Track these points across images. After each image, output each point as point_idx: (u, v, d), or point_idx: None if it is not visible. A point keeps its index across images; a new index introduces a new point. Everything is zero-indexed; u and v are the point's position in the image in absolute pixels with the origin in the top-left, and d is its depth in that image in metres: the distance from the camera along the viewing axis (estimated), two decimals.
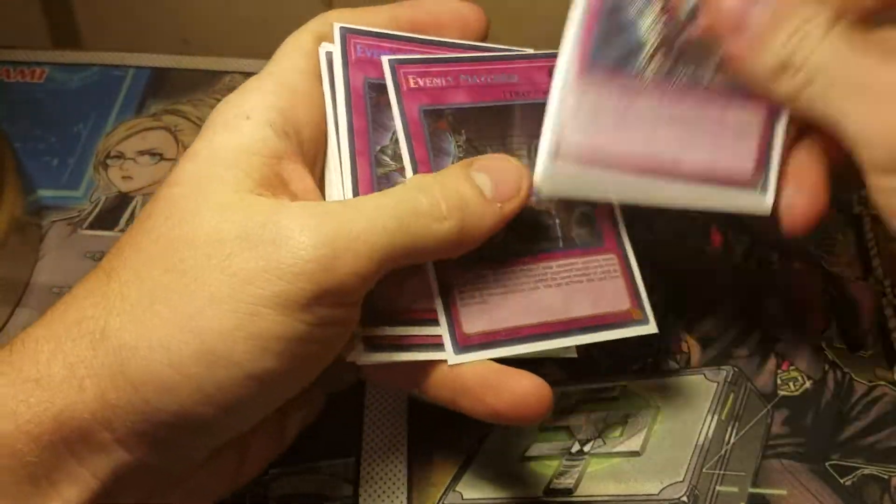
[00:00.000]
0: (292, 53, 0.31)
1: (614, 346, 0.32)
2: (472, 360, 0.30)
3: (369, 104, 0.31)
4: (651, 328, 0.32)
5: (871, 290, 0.41)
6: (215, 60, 0.50)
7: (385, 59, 0.32)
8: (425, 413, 0.37)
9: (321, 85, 0.31)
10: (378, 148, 0.31)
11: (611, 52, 0.31)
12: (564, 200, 0.32)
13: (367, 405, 0.37)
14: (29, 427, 0.25)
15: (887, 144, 0.27)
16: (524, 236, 0.32)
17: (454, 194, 0.29)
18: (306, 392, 0.30)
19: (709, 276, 0.41)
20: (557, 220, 0.32)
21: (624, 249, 0.33)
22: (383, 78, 0.32)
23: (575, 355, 0.32)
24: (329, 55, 0.31)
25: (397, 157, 0.31)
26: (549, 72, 0.32)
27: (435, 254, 0.29)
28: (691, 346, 0.39)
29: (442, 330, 0.30)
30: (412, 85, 0.32)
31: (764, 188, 0.31)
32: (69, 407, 0.26)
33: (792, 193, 0.31)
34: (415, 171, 0.31)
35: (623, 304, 0.32)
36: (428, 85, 0.32)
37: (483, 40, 0.34)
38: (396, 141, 0.31)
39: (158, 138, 0.47)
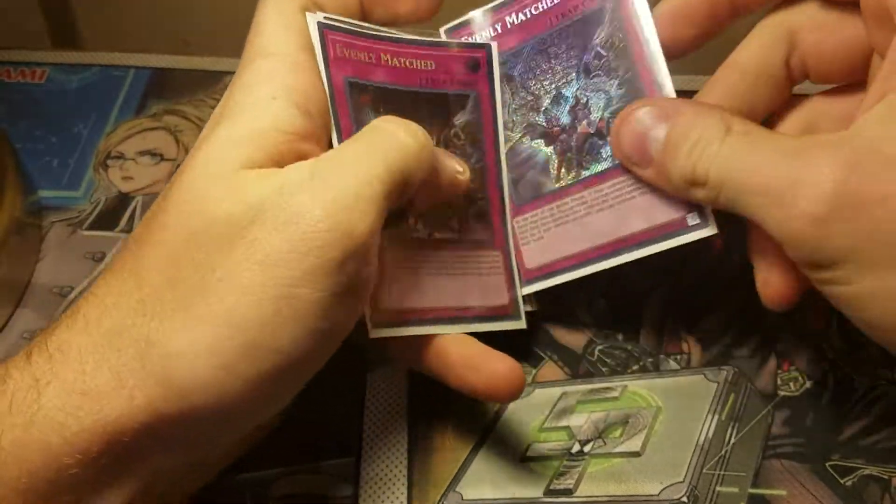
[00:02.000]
0: (286, 29, 0.31)
1: (614, 346, 0.32)
2: (538, 288, 0.35)
3: (351, 104, 0.32)
4: (711, 229, 0.32)
5: None
6: (216, 61, 0.50)
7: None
8: (425, 413, 0.37)
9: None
10: None
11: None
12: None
13: (367, 405, 0.37)
14: (77, 439, 0.25)
15: (802, 243, 0.27)
16: (578, 163, 0.34)
17: (424, 131, 0.31)
18: None
19: (709, 276, 0.41)
20: (609, 139, 0.33)
21: None
22: (361, 77, 0.32)
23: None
24: (320, 25, 0.31)
25: None
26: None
27: (416, 186, 0.30)
28: (692, 346, 0.39)
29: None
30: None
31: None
32: (119, 419, 0.25)
33: (765, 270, 0.32)
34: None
35: (677, 211, 0.33)
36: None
37: (436, 13, 0.35)
38: None
39: (159, 139, 0.47)
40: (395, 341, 0.32)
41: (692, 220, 0.32)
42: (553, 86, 0.34)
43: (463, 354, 0.32)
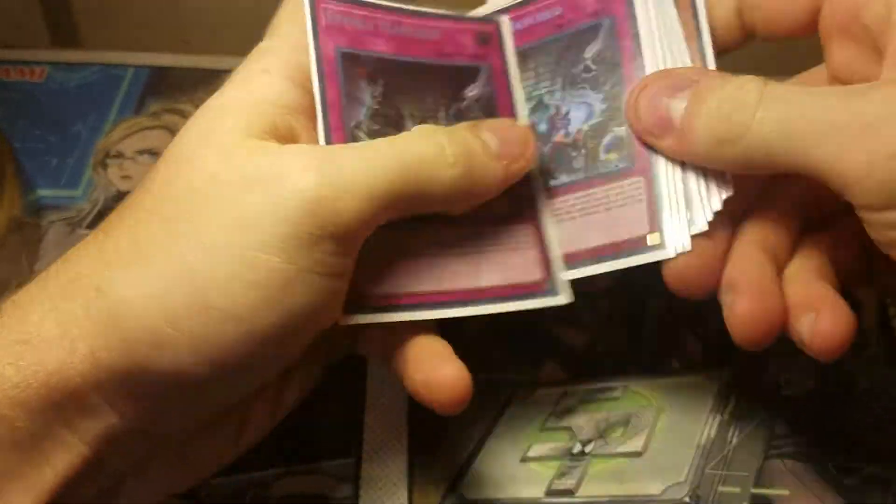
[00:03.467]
0: (294, 13, 0.30)
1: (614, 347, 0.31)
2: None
3: (342, 75, 0.30)
4: (668, 253, 0.30)
5: (873, 289, 0.41)
6: (215, 59, 0.50)
7: None
8: (425, 413, 0.37)
9: None
10: (353, 124, 0.30)
11: None
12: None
13: (367, 405, 0.37)
14: (17, 391, 0.25)
15: (873, 179, 0.25)
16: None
17: (461, 143, 0.29)
18: (303, 362, 0.30)
19: None
20: (584, 151, 0.32)
21: (650, 170, 0.32)
22: (356, 47, 0.31)
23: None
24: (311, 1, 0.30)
25: (373, 132, 0.30)
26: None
27: (439, 203, 0.29)
28: (693, 345, 0.39)
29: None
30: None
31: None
32: (60, 369, 0.25)
33: (732, 299, 0.29)
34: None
35: (642, 229, 0.31)
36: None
37: None
38: (371, 116, 0.30)
39: (158, 137, 0.47)
40: (380, 336, 0.30)
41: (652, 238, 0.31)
42: (536, 93, 0.34)
43: (417, 354, 0.30)
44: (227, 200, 0.26)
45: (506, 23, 0.34)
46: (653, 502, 0.35)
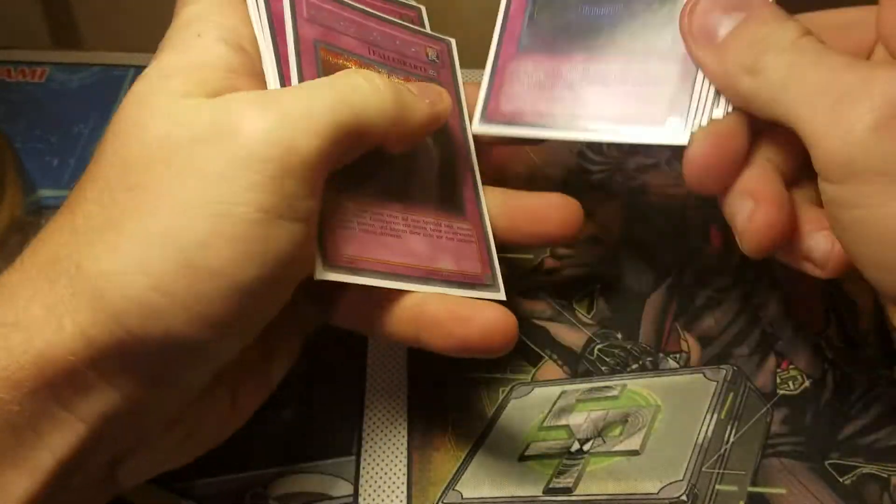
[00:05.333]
0: None
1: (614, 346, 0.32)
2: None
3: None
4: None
5: (870, 289, 0.41)
6: None
7: None
8: (425, 413, 0.37)
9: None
10: None
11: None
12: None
13: (367, 405, 0.37)
14: (7, 373, 0.24)
15: (832, 146, 0.27)
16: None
17: (388, 81, 0.30)
18: (284, 334, 0.31)
19: (709, 276, 0.41)
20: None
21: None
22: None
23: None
24: None
25: None
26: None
27: (378, 134, 0.29)
28: (691, 345, 0.39)
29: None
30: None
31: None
32: (49, 348, 0.25)
33: (753, 207, 0.30)
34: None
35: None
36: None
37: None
38: None
39: None
40: (358, 304, 0.31)
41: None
42: None
43: (448, 308, 0.30)
44: (187, 159, 0.26)
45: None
46: (650, 501, 0.35)
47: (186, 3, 0.30)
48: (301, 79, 0.31)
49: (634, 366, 0.39)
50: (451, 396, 0.38)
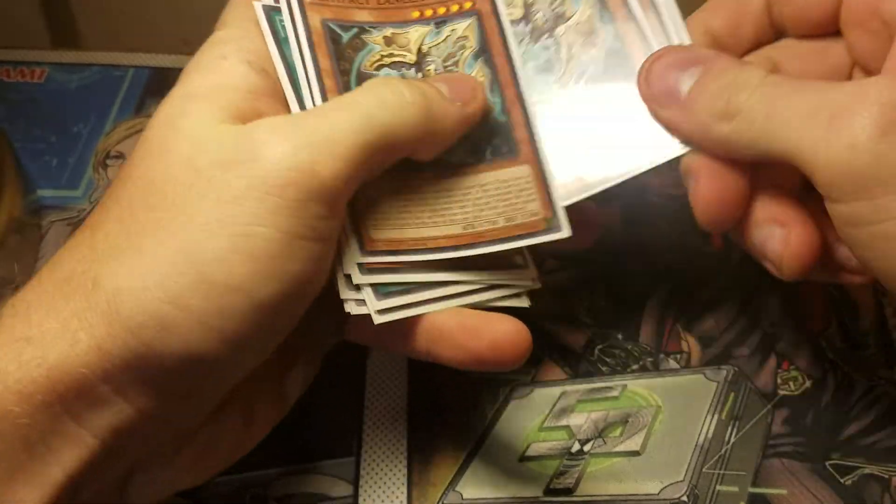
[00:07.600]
0: (245, 6, 0.31)
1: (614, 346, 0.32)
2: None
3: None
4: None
5: (870, 289, 0.41)
6: None
7: None
8: (425, 413, 0.37)
9: None
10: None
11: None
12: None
13: (367, 405, 0.37)
14: (20, 386, 0.25)
15: (834, 168, 0.26)
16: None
17: (416, 87, 0.29)
18: (303, 353, 0.31)
19: (709, 276, 0.41)
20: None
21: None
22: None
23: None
24: (266, 9, 0.31)
25: None
26: None
27: (407, 146, 0.29)
28: (692, 345, 0.39)
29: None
30: None
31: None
32: (63, 361, 0.25)
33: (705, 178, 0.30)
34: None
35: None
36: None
37: None
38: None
39: None
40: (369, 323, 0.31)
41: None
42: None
43: (459, 321, 0.30)
44: (208, 182, 0.26)
45: None
46: (651, 501, 0.35)
47: (218, 27, 0.31)
48: (316, 66, 0.30)
49: (635, 366, 0.39)
50: (452, 397, 0.38)
